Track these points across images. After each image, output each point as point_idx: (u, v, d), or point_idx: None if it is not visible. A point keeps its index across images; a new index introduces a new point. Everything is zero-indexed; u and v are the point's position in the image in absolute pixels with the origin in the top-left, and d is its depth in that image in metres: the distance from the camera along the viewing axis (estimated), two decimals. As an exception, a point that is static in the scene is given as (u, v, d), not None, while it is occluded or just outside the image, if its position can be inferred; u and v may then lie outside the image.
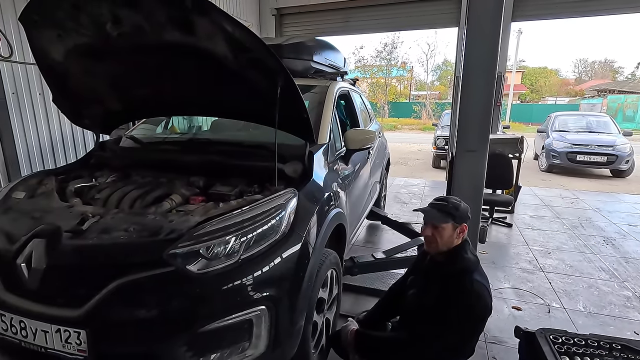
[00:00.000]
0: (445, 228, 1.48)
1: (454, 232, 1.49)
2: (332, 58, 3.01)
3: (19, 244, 1.33)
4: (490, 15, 2.18)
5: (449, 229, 1.48)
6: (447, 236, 1.49)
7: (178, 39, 1.46)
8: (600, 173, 8.29)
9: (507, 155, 4.27)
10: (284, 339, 1.40)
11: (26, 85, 3.03)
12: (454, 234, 1.49)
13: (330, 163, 2.12)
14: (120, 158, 2.10)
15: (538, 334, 1.43)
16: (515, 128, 16.45)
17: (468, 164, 2.38)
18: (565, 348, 1.37)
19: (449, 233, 1.48)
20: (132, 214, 1.49)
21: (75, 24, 1.52)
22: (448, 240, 1.49)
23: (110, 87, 1.94)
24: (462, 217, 1.49)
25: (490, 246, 3.68)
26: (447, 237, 1.49)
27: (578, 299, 2.71)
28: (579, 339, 1.41)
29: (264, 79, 1.55)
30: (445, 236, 1.49)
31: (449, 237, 1.49)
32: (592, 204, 5.30)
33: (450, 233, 1.49)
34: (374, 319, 1.80)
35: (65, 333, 1.22)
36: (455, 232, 1.49)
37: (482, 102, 2.29)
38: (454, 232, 1.49)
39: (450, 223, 1.48)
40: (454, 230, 1.49)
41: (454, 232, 1.49)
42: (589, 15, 5.94)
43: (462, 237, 1.51)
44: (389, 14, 6.70)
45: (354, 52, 31.29)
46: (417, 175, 7.90)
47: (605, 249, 3.65)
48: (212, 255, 1.29)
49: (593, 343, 1.38)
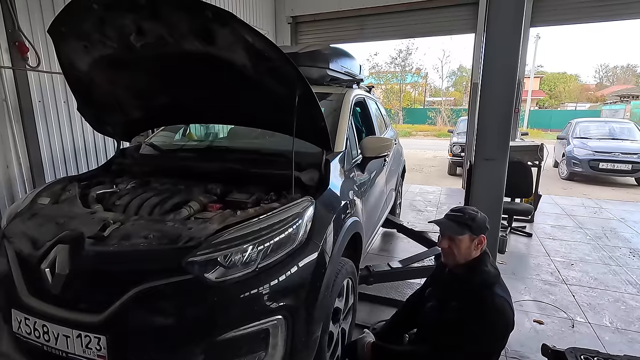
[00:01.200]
0: (462, 240, 1.45)
1: (472, 244, 1.45)
2: (347, 65, 3.01)
3: (43, 249, 1.37)
4: (511, 21, 2.15)
5: (466, 241, 1.45)
6: (465, 248, 1.45)
7: (199, 49, 1.48)
8: (624, 182, 8.01)
9: (527, 163, 4.17)
10: (300, 349, 1.38)
11: (52, 94, 3.13)
12: (472, 245, 1.45)
13: (346, 171, 2.10)
14: (140, 165, 2.14)
15: (568, 353, 1.37)
16: (533, 135, 16.05)
17: (487, 172, 2.33)
18: (596, 368, 1.31)
19: (466, 245, 1.45)
20: (151, 220, 1.51)
21: (100, 36, 1.57)
22: (466, 252, 1.46)
23: (132, 96, 1.99)
24: (480, 227, 1.46)
25: (510, 256, 3.58)
26: (465, 249, 1.46)
27: (604, 313, 2.60)
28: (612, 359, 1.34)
29: (283, 88, 1.56)
30: (463, 248, 1.46)
31: (466, 249, 1.45)
32: (617, 214, 5.11)
33: (467, 245, 1.45)
34: (390, 330, 1.76)
35: (86, 338, 1.24)
36: (473, 244, 1.45)
37: (501, 110, 2.25)
38: (472, 244, 1.45)
39: (467, 235, 1.45)
40: (471, 241, 1.45)
41: (472, 244, 1.45)
42: (610, 20, 5.79)
43: (481, 249, 1.47)
44: (404, 20, 6.69)
45: (369, 59, 31.32)
46: (433, 182, 7.79)
47: (632, 261, 3.50)
48: (229, 263, 1.29)
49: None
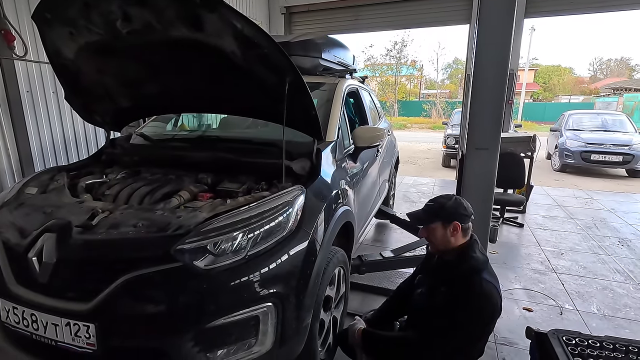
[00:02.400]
0: (435, 228, 1.47)
1: (446, 231, 1.45)
2: (341, 55, 2.99)
3: (30, 238, 1.35)
4: (503, 11, 2.14)
5: (439, 229, 1.46)
6: (440, 236, 1.46)
7: (187, 36, 1.46)
8: (615, 173, 8.10)
9: (519, 154, 4.20)
10: (290, 336, 1.39)
11: (40, 83, 3.08)
12: (447, 233, 1.45)
13: (338, 161, 2.10)
14: (131, 155, 2.12)
15: (550, 334, 1.40)
16: (527, 127, 16.18)
17: (479, 162, 2.33)
18: (579, 350, 1.33)
19: (440, 233, 1.46)
20: (141, 209, 1.50)
21: (86, 22, 1.53)
22: (443, 240, 1.47)
23: (121, 85, 1.96)
24: (450, 214, 1.45)
25: (501, 246, 3.62)
26: (441, 237, 1.46)
27: (592, 301, 2.65)
28: (593, 340, 1.36)
29: (273, 76, 1.55)
30: (438, 236, 1.47)
31: (442, 236, 1.46)
32: (607, 205, 5.18)
33: (442, 232, 1.46)
34: (381, 317, 1.78)
35: (75, 327, 1.24)
36: (448, 231, 1.45)
37: (493, 99, 2.25)
38: (446, 231, 1.45)
39: (439, 223, 1.46)
40: (444, 229, 1.45)
41: (446, 231, 1.45)
42: (605, 11, 5.79)
43: (460, 235, 1.46)
44: (399, 11, 6.65)
45: (364, 51, 31.18)
46: (427, 174, 7.83)
47: (620, 251, 3.56)
48: (219, 251, 1.29)
49: (608, 345, 1.34)
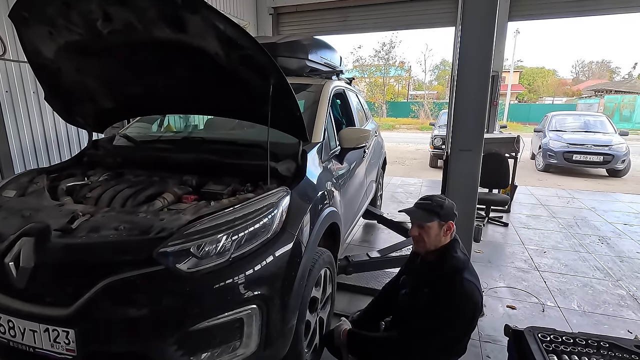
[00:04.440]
0: (431, 227, 1.49)
1: (441, 231, 1.48)
2: (327, 57, 3.00)
3: (7, 242, 1.32)
4: (484, 15, 2.18)
5: (435, 228, 1.48)
6: (434, 235, 1.49)
7: (169, 37, 1.45)
8: (596, 173, 8.32)
9: (503, 155, 4.28)
10: (275, 338, 1.39)
11: (20, 83, 3.01)
12: (441, 232, 1.48)
13: (324, 162, 2.11)
14: (113, 156, 2.08)
15: (526, 332, 1.43)
16: (512, 128, 16.49)
17: (463, 163, 2.37)
18: (553, 346, 1.37)
19: (435, 232, 1.48)
20: (123, 212, 1.48)
21: (65, 21, 1.50)
22: (435, 239, 1.49)
23: (103, 85, 1.92)
24: (448, 214, 1.49)
25: (486, 245, 3.68)
26: (434, 236, 1.49)
27: (572, 298, 2.72)
28: (567, 337, 1.41)
29: (257, 77, 1.54)
30: (432, 235, 1.49)
31: (435, 235, 1.49)
32: (588, 204, 5.31)
33: (436, 231, 1.48)
34: (367, 318, 1.79)
35: (54, 332, 1.21)
36: (442, 230, 1.48)
37: (476, 101, 2.29)
38: (441, 231, 1.48)
39: (436, 221, 1.48)
40: (440, 228, 1.48)
41: (441, 231, 1.48)
42: (584, 15, 5.96)
43: (450, 235, 1.51)
44: (386, 13, 6.72)
45: (352, 52, 31.44)
46: (414, 174, 7.90)
47: (600, 248, 3.66)
48: (202, 253, 1.28)
49: (581, 341, 1.38)
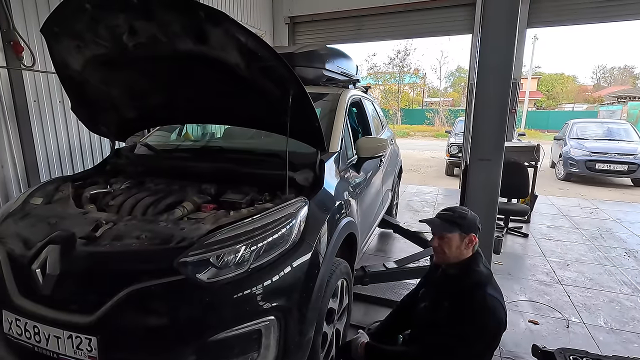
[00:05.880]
0: (452, 238, 1.46)
1: (462, 243, 1.45)
2: (344, 66, 3.01)
3: (34, 249, 1.36)
4: (505, 22, 2.15)
5: (456, 239, 1.45)
6: (455, 247, 1.46)
7: (192, 49, 1.48)
8: (620, 182, 8.04)
9: (523, 164, 4.18)
10: (293, 350, 1.38)
11: (47, 93, 3.12)
12: (462, 244, 1.45)
13: (341, 171, 2.10)
14: (135, 165, 2.13)
15: (557, 353, 1.38)
16: (531, 135, 16.15)
17: (482, 172, 2.33)
18: (586, 368, 1.31)
19: (456, 243, 1.45)
20: (144, 221, 1.51)
21: (93, 36, 1.56)
22: (456, 251, 1.46)
23: (126, 96, 1.98)
24: (470, 226, 1.46)
25: (506, 257, 3.59)
26: (455, 248, 1.46)
27: (599, 313, 2.61)
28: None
29: (276, 88, 1.56)
30: (453, 247, 1.46)
31: (456, 247, 1.46)
32: (613, 215, 5.12)
33: (457, 244, 1.45)
34: (384, 331, 1.76)
35: (77, 339, 1.23)
36: (464, 243, 1.45)
37: (496, 110, 2.24)
38: (462, 243, 1.45)
39: (457, 233, 1.45)
40: (461, 240, 1.45)
41: (462, 243, 1.45)
42: (607, 21, 5.81)
43: (472, 248, 1.47)
44: (401, 21, 6.70)
45: (367, 59, 31.44)
46: (430, 182, 7.81)
47: (627, 262, 3.51)
48: (222, 264, 1.29)
49: (617, 365, 1.32)
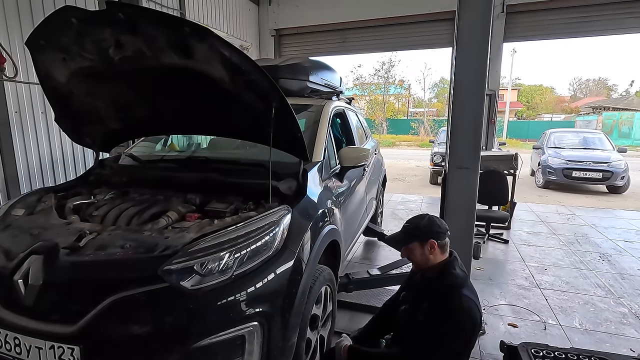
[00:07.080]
0: (413, 248, 1.52)
1: (424, 250, 1.50)
2: (328, 78, 3.10)
3: (16, 260, 1.35)
4: (478, 37, 2.27)
5: (417, 248, 1.51)
6: (419, 254, 1.52)
7: (177, 63, 1.52)
8: (596, 189, 8.34)
9: (502, 172, 4.33)
10: (276, 355, 1.40)
11: (29, 104, 3.11)
12: (424, 251, 1.50)
13: (324, 180, 2.16)
14: (119, 176, 2.14)
15: (520, 348, 1.46)
16: (511, 144, 16.59)
17: (460, 180, 2.42)
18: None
19: (419, 252, 1.51)
20: (128, 230, 1.52)
21: (79, 49, 1.59)
22: (422, 258, 1.52)
23: (111, 108, 2.00)
24: (426, 234, 1.51)
25: (487, 262, 3.68)
26: (420, 255, 1.52)
27: (574, 315, 2.71)
28: (559, 352, 1.43)
29: (259, 100, 1.61)
30: (417, 255, 1.52)
31: (420, 255, 1.51)
32: (589, 220, 5.32)
33: (420, 251, 1.51)
34: (367, 335, 1.80)
35: (59, 349, 1.23)
36: (426, 249, 1.50)
37: (472, 120, 2.36)
38: (424, 250, 1.50)
39: (417, 243, 1.51)
40: (422, 248, 1.51)
41: (424, 250, 1.50)
42: (578, 36, 6.15)
43: (442, 252, 1.51)
44: (384, 34, 6.91)
45: (352, 71, 32.00)
46: (415, 191, 7.93)
47: (602, 265, 3.66)
48: (206, 271, 1.31)
49: (573, 357, 1.41)
